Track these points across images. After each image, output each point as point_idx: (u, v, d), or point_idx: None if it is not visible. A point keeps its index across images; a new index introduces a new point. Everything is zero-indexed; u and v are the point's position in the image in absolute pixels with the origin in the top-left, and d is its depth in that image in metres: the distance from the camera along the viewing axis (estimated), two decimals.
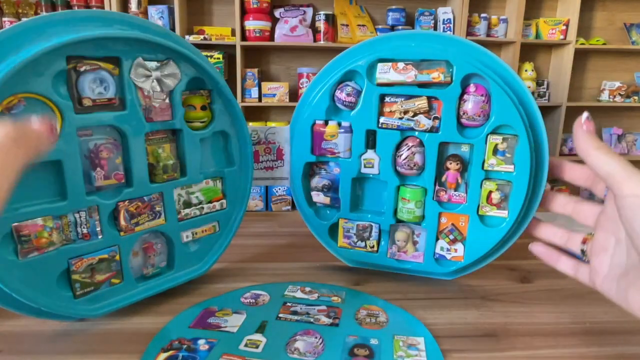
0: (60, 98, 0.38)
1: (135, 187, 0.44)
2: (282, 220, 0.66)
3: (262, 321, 0.43)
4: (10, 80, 0.34)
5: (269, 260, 0.58)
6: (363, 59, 0.48)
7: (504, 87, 0.45)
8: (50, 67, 0.37)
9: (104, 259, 0.43)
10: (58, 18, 0.38)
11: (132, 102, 0.42)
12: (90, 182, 0.41)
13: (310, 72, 2.42)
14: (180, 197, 0.49)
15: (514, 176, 0.46)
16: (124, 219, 0.43)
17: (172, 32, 0.47)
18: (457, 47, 0.47)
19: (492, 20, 2.52)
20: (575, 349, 0.40)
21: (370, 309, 0.45)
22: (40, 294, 0.38)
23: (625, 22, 2.64)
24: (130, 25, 0.42)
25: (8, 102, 0.35)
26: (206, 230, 0.51)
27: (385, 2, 2.56)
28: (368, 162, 0.51)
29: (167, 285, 0.48)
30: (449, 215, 0.49)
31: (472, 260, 0.49)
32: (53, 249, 0.39)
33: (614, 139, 2.72)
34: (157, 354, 0.37)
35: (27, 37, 0.36)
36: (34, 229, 0.38)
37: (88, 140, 0.41)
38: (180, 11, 2.36)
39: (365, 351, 0.38)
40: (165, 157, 0.46)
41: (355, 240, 0.53)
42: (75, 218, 0.40)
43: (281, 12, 2.45)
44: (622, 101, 2.61)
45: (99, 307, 0.43)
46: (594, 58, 2.74)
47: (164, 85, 0.44)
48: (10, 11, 2.27)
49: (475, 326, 0.43)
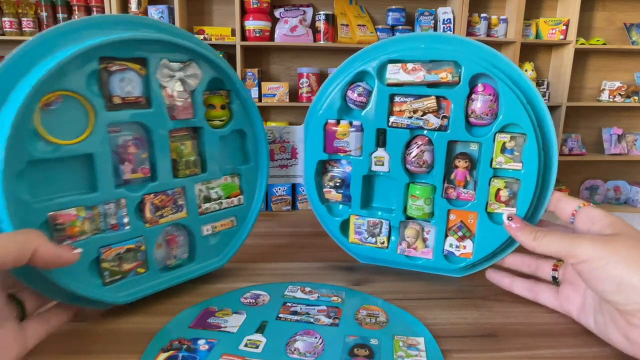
0: (93, 96, 0.40)
1: (160, 181, 0.46)
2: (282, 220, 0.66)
3: (262, 321, 0.43)
4: (49, 79, 0.36)
5: (269, 260, 0.58)
6: (374, 60, 0.49)
7: (512, 87, 0.45)
8: (84, 67, 0.39)
9: (131, 248, 0.44)
10: (91, 22, 0.41)
11: (157, 101, 0.45)
12: (119, 176, 0.43)
13: (310, 72, 2.43)
14: (201, 192, 0.51)
15: (522, 174, 0.47)
16: (149, 211, 0.45)
17: (194, 35, 0.49)
18: (466, 47, 0.48)
19: (492, 20, 2.53)
20: (575, 349, 0.40)
21: (370, 309, 0.45)
22: (73, 280, 0.40)
23: (625, 22, 2.65)
24: (157, 28, 0.45)
25: (47, 98, 0.37)
26: (224, 224, 0.53)
27: (385, 2, 2.56)
28: (378, 160, 0.51)
29: (188, 276, 0.50)
30: (458, 213, 0.50)
31: (481, 257, 0.49)
32: (85, 237, 0.41)
33: (614, 139, 2.72)
34: (157, 354, 0.37)
35: (63, 40, 0.39)
36: (68, 218, 0.40)
37: (117, 136, 0.43)
38: (180, 11, 2.36)
39: (365, 351, 0.38)
40: (187, 154, 0.49)
41: (366, 236, 0.54)
42: (105, 209, 0.43)
43: (281, 12, 2.46)
44: (622, 101, 2.62)
45: (126, 295, 0.44)
46: (594, 58, 2.74)
47: (187, 85, 0.47)
48: (10, 11, 2.27)
49: (475, 326, 0.43)
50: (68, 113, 0.39)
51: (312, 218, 0.79)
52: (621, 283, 0.34)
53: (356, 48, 2.79)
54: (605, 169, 2.89)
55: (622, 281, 0.34)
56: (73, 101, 0.39)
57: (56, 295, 0.40)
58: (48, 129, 0.38)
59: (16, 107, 0.35)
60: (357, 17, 2.46)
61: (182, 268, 0.50)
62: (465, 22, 2.44)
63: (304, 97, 2.46)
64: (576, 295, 0.42)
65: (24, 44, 0.37)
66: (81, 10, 2.29)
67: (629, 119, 2.81)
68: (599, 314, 0.39)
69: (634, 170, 2.91)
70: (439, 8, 2.48)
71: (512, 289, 0.48)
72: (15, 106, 0.35)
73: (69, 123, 0.39)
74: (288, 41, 2.41)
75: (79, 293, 0.40)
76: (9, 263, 0.31)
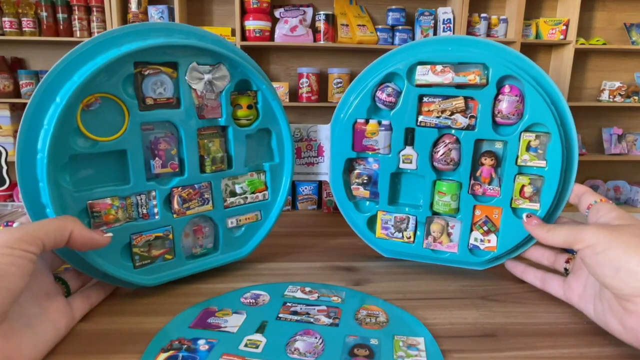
0: (128, 97, 0.44)
1: (188, 175, 0.50)
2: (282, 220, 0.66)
3: (262, 321, 0.43)
4: (90, 82, 0.41)
5: (269, 260, 0.58)
6: (403, 61, 0.51)
7: (537, 88, 0.47)
8: (121, 71, 0.44)
9: (160, 237, 0.49)
10: (127, 31, 0.45)
11: (187, 101, 0.48)
12: (150, 170, 0.48)
13: (311, 72, 2.42)
14: (227, 186, 0.54)
15: (545, 171, 0.49)
16: (177, 203, 0.49)
17: (224, 38, 0.52)
18: (492, 50, 0.50)
19: (492, 20, 2.52)
20: (575, 349, 0.40)
21: (370, 309, 0.45)
22: (107, 262, 0.45)
23: (625, 22, 2.65)
24: (188, 34, 0.48)
25: (87, 100, 0.42)
26: (249, 217, 0.56)
27: (385, 2, 2.56)
28: (406, 158, 0.53)
29: (212, 264, 0.53)
30: (483, 208, 0.52)
31: (505, 250, 0.51)
32: (118, 224, 0.46)
33: (614, 139, 2.72)
34: (157, 354, 0.37)
35: (102, 47, 0.43)
36: (104, 207, 0.45)
37: (149, 133, 0.47)
38: (180, 11, 2.36)
39: (365, 351, 0.38)
40: (214, 151, 0.52)
41: (393, 231, 0.56)
42: (137, 200, 0.47)
43: (281, 12, 2.45)
44: (622, 101, 2.62)
45: (154, 278, 0.49)
46: (594, 58, 2.74)
47: (215, 86, 0.50)
48: (10, 11, 2.26)
49: (475, 326, 0.43)
50: (106, 113, 0.43)
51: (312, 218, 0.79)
52: (620, 267, 0.35)
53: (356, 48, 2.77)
54: (605, 169, 2.89)
55: (621, 265, 0.35)
56: (110, 102, 0.44)
57: (95, 275, 0.46)
58: (88, 127, 0.42)
59: (61, 107, 0.39)
60: (357, 17, 2.46)
61: (207, 257, 0.53)
62: (465, 22, 2.44)
63: (304, 97, 2.45)
64: (578, 284, 0.44)
65: (68, 52, 0.41)
66: (81, 10, 2.28)
67: (629, 119, 2.81)
68: (598, 301, 0.40)
69: (634, 170, 2.91)
70: (439, 8, 2.48)
71: (523, 277, 0.51)
72: (60, 107, 0.39)
73: (106, 122, 0.44)
74: (288, 41, 2.41)
75: (112, 274, 0.45)
76: (50, 244, 0.36)
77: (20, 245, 0.33)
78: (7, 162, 0.78)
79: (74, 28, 2.30)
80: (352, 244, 0.63)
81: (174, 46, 0.46)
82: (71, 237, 0.38)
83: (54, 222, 0.38)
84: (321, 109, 2.61)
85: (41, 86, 0.41)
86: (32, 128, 0.40)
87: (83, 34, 2.30)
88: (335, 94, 2.43)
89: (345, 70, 2.44)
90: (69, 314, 0.41)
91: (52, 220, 0.38)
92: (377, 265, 0.57)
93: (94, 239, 0.40)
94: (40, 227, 0.36)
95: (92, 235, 0.40)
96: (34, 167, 0.40)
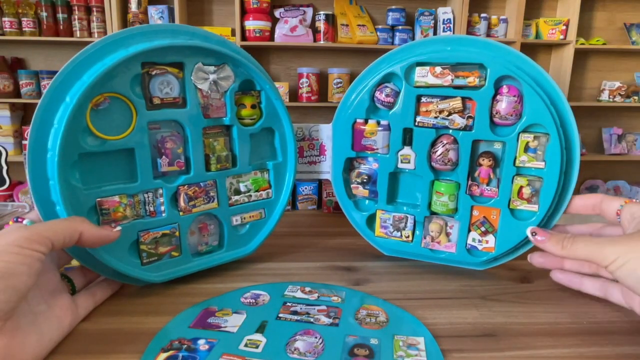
0: (136, 97, 0.45)
1: (193, 174, 0.51)
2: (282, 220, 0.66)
3: (262, 321, 0.43)
4: (99, 82, 0.42)
5: (269, 260, 0.58)
6: (401, 62, 0.51)
7: (536, 88, 0.47)
8: (129, 72, 0.44)
9: (166, 234, 0.49)
10: (135, 32, 0.45)
11: (193, 101, 0.49)
12: (157, 168, 0.48)
13: (311, 72, 2.42)
14: (232, 185, 0.55)
15: (544, 172, 0.48)
16: (183, 200, 0.50)
17: (228, 40, 0.53)
18: (491, 50, 0.50)
19: (492, 20, 2.53)
20: (575, 349, 0.40)
21: (370, 308, 0.45)
22: (115, 259, 0.45)
23: (625, 22, 2.65)
24: (193, 35, 0.49)
25: (96, 99, 0.43)
26: (253, 215, 0.57)
27: (385, 2, 2.56)
28: (405, 157, 0.54)
29: (218, 262, 0.54)
30: (481, 209, 0.52)
31: (503, 251, 0.51)
32: (126, 222, 0.46)
33: (614, 139, 2.72)
34: (157, 354, 0.37)
35: (110, 48, 0.44)
36: (112, 204, 0.45)
37: (156, 132, 0.48)
38: (180, 11, 2.35)
39: (365, 351, 0.38)
40: (219, 149, 0.53)
41: (392, 230, 0.56)
42: (144, 197, 0.48)
43: (281, 12, 2.45)
44: (622, 101, 2.62)
45: (161, 275, 0.49)
46: (594, 58, 2.74)
47: (220, 86, 0.50)
48: (10, 11, 2.26)
49: (475, 326, 0.43)
50: (114, 112, 0.44)
51: (312, 218, 0.79)
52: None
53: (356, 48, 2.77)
54: (605, 169, 2.89)
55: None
56: (119, 102, 0.44)
57: (103, 271, 0.46)
58: (97, 126, 0.43)
59: (70, 107, 0.40)
60: (357, 17, 2.46)
61: (212, 254, 0.54)
62: (465, 22, 2.44)
63: (304, 97, 2.45)
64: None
65: (78, 53, 0.42)
66: (81, 10, 2.28)
67: (629, 119, 2.82)
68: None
69: (634, 170, 2.92)
70: (439, 8, 2.48)
71: (581, 289, 0.48)
72: (70, 106, 0.40)
73: (115, 121, 0.44)
74: (288, 41, 2.41)
75: (120, 270, 0.45)
76: (58, 244, 0.36)
77: (29, 244, 0.34)
78: (7, 162, 0.78)
79: (74, 28, 2.30)
80: (352, 243, 0.63)
81: (180, 47, 0.47)
82: (81, 238, 0.38)
83: (63, 223, 0.38)
84: (321, 109, 2.61)
85: (51, 86, 0.41)
86: (43, 127, 0.41)
87: (83, 34, 2.30)
88: (335, 94, 2.43)
89: (345, 70, 2.44)
90: (74, 312, 0.41)
91: (61, 221, 0.39)
92: (377, 265, 0.57)
93: (104, 235, 0.41)
94: (49, 227, 0.36)
95: (101, 233, 0.41)
96: (44, 165, 0.41)
